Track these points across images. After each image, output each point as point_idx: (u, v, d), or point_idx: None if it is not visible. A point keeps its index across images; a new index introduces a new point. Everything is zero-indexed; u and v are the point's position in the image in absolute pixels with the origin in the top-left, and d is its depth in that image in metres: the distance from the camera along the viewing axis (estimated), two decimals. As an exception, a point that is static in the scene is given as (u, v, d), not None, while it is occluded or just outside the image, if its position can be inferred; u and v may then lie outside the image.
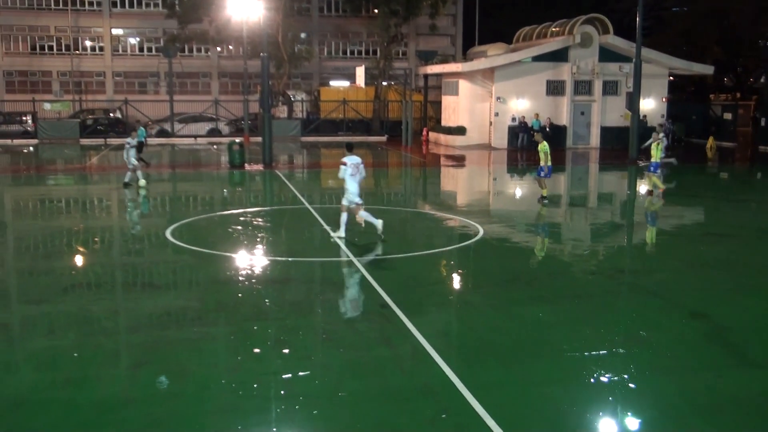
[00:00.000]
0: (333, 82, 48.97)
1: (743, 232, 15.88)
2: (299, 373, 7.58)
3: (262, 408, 6.81)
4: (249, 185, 25.23)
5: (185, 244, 14.08)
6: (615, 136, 36.31)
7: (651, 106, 37.32)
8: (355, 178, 13.72)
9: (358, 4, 49.96)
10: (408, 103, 39.44)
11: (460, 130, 38.39)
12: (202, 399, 7.04)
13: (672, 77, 40.47)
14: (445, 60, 46.54)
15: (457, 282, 11.90)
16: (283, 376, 7.51)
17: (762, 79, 49.70)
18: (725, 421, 6.72)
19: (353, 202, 13.84)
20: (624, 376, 7.58)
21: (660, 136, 20.81)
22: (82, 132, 40.07)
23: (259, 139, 31.38)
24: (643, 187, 22.68)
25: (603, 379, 7.52)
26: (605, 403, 7.01)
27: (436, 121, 43.35)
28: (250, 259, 12.87)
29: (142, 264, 13.09)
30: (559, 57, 36.87)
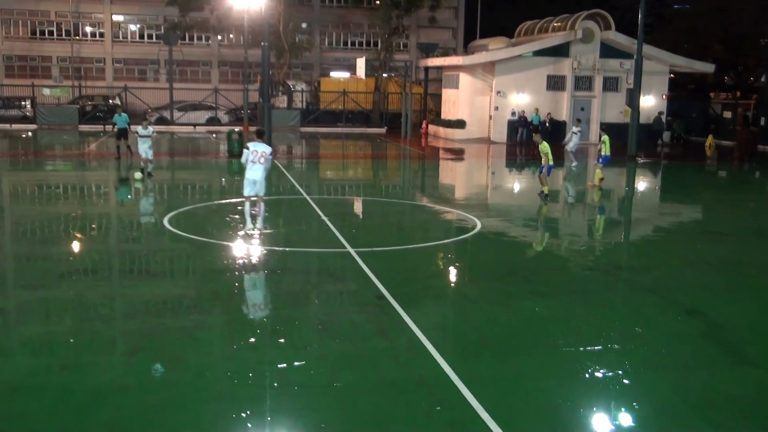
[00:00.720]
0: (333, 73, 48.83)
1: (741, 231, 15.91)
2: (294, 363, 7.59)
3: (258, 397, 6.82)
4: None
5: (183, 233, 14.06)
6: (614, 133, 36.17)
7: (651, 103, 37.30)
8: (255, 167, 13.14)
9: (359, -6, 49.93)
10: (408, 95, 39.37)
11: (459, 124, 38.35)
12: (197, 387, 7.04)
13: (672, 75, 40.43)
14: (446, 53, 46.47)
15: (454, 275, 11.91)
16: (278, 366, 7.52)
17: (762, 78, 49.62)
18: (720, 418, 6.73)
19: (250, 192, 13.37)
20: (619, 372, 7.59)
21: (575, 129, 20.64)
22: (81, 118, 39.97)
23: (258, 128, 31.25)
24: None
25: (598, 374, 7.53)
26: (600, 398, 7.02)
27: (436, 114, 43.34)
28: (247, 249, 12.86)
29: (139, 251, 13.09)
30: (560, 52, 36.81)
